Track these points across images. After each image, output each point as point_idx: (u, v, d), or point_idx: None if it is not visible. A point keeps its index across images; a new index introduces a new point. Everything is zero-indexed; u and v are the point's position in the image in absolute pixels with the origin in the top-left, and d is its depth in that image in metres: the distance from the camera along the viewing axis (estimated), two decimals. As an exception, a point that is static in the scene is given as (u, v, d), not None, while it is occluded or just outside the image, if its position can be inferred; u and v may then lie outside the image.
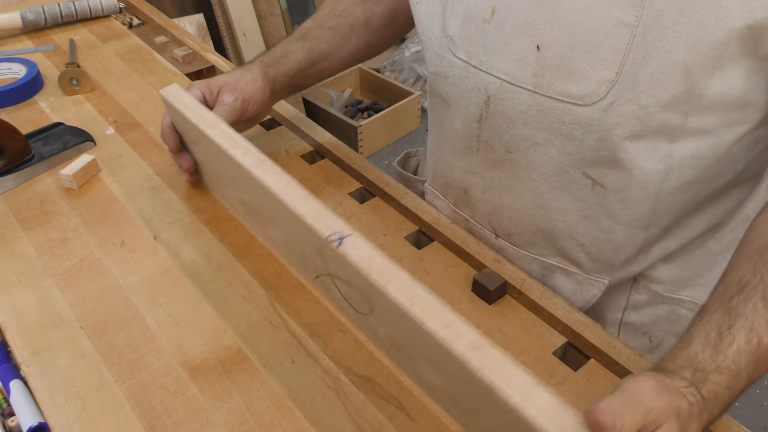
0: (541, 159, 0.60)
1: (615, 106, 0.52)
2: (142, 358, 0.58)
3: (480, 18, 0.58)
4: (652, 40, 0.48)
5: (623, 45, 0.49)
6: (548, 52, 0.54)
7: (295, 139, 0.87)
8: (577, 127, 0.55)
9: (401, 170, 0.89)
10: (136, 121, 0.90)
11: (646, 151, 0.54)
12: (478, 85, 0.61)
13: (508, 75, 0.57)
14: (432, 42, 0.64)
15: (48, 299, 0.63)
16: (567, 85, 0.54)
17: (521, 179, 0.63)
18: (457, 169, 0.70)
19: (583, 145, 0.56)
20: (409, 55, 2.74)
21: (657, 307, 0.68)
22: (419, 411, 0.54)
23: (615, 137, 0.54)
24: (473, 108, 0.62)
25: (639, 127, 0.52)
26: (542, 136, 0.58)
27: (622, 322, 0.70)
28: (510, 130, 0.60)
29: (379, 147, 2.48)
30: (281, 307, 0.63)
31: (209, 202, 0.76)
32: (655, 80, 0.49)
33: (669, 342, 0.70)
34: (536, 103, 0.57)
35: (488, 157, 0.65)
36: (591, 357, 0.59)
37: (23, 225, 0.72)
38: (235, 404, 0.54)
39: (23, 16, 1.10)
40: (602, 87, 0.52)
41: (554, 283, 0.69)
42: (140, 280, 0.66)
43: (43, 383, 0.56)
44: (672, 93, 0.50)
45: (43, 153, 0.81)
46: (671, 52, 0.48)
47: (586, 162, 0.57)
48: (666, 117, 0.51)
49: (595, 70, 0.51)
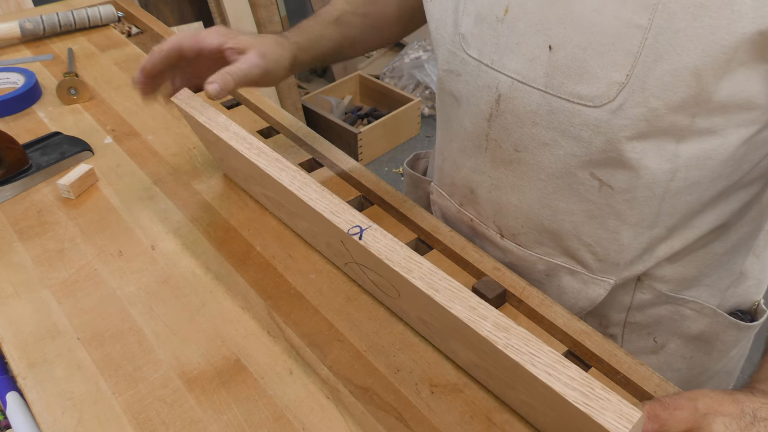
0: (549, 159, 0.60)
1: (624, 108, 0.52)
2: (139, 370, 0.57)
3: (493, 16, 0.58)
4: (663, 43, 0.48)
5: (635, 47, 0.49)
6: (560, 53, 0.53)
7: (293, 147, 0.87)
8: (586, 129, 0.55)
9: (410, 170, 0.89)
10: (134, 130, 0.90)
11: (653, 151, 0.54)
12: (489, 83, 0.61)
13: (520, 74, 0.57)
14: (445, 40, 0.64)
15: (45, 310, 0.63)
16: (577, 85, 0.54)
17: (528, 179, 0.63)
18: (465, 167, 0.70)
19: (591, 146, 0.56)
20: (409, 61, 2.74)
21: (661, 307, 0.68)
22: (419, 421, 0.53)
23: (623, 138, 0.54)
24: (483, 106, 0.62)
25: (647, 128, 0.53)
26: (551, 136, 0.58)
27: (627, 322, 0.69)
28: (519, 130, 0.60)
29: (379, 154, 2.48)
30: (279, 316, 0.63)
31: (207, 212, 0.75)
32: (665, 83, 0.49)
33: (674, 342, 0.70)
34: (546, 103, 0.57)
35: (496, 156, 0.65)
36: (592, 365, 0.58)
37: (20, 235, 0.72)
38: (233, 416, 0.54)
39: (22, 25, 1.10)
40: (612, 89, 0.52)
41: (559, 283, 0.69)
42: (137, 290, 0.65)
43: (39, 395, 0.55)
44: (681, 96, 0.49)
45: (40, 163, 0.81)
46: (682, 55, 0.48)
47: (593, 163, 0.57)
48: (674, 119, 0.51)
49: (605, 72, 0.51)
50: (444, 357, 0.58)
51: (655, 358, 0.71)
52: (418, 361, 0.58)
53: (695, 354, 0.70)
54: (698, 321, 0.68)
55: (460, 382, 0.56)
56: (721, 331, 0.68)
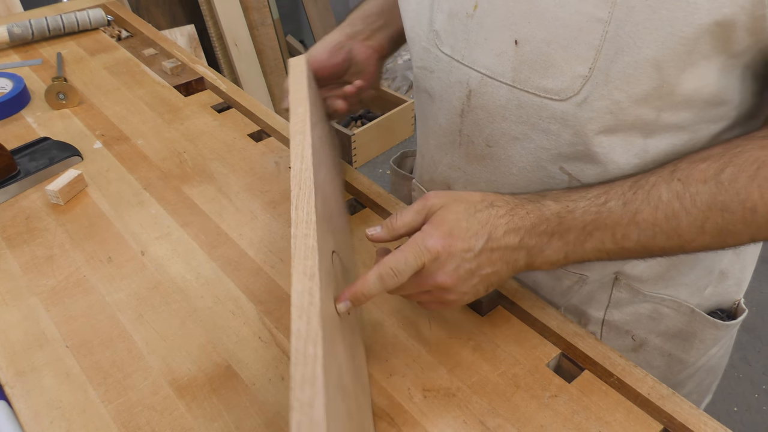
0: (520, 154, 0.61)
1: (589, 101, 0.53)
2: (129, 377, 0.57)
3: (464, 12, 0.59)
4: (624, 36, 0.49)
5: (596, 41, 0.50)
6: (525, 47, 0.54)
7: (285, 150, 0.87)
8: (554, 122, 0.56)
9: (396, 168, 0.89)
10: (123, 135, 0.89)
11: (620, 145, 0.55)
12: (460, 79, 0.61)
13: (488, 69, 0.58)
14: (420, 37, 0.65)
15: (33, 318, 0.62)
16: (543, 79, 0.54)
17: (501, 174, 0.64)
18: (441, 164, 0.71)
19: (559, 139, 0.57)
20: (402, 63, 2.74)
21: (639, 305, 0.68)
22: (411, 426, 0.53)
23: (589, 132, 0.54)
24: (456, 102, 0.63)
25: (613, 121, 0.53)
26: (520, 130, 0.59)
27: (605, 320, 0.69)
28: (490, 125, 0.61)
29: (373, 155, 2.48)
30: (270, 322, 0.62)
31: (198, 216, 0.75)
32: (627, 76, 0.50)
33: (652, 341, 0.70)
34: (514, 98, 0.57)
35: (469, 152, 0.65)
36: (585, 368, 0.58)
37: (8, 242, 0.71)
38: (224, 423, 0.53)
39: (10, 30, 1.09)
40: (576, 82, 0.52)
41: (534, 277, 0.70)
42: (127, 296, 0.65)
43: (27, 405, 0.55)
44: (644, 89, 0.50)
45: (29, 169, 0.80)
46: (642, 48, 0.48)
47: (562, 157, 0.58)
48: (639, 112, 0.52)
49: (570, 65, 0.52)
50: (438, 362, 0.58)
51: (634, 355, 0.71)
52: (410, 365, 0.58)
53: (674, 352, 0.71)
54: (676, 319, 0.68)
55: (453, 386, 0.56)
56: (699, 329, 0.68)
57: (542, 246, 0.52)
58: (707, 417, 0.53)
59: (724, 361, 0.79)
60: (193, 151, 0.86)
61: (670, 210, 0.49)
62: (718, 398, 1.59)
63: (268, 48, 2.47)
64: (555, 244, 0.52)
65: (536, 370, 0.57)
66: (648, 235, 0.50)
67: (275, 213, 0.75)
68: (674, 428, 0.53)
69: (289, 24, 2.70)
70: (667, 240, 0.50)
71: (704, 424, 0.52)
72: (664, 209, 0.49)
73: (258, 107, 0.94)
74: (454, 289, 0.52)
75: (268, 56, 2.48)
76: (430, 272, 0.51)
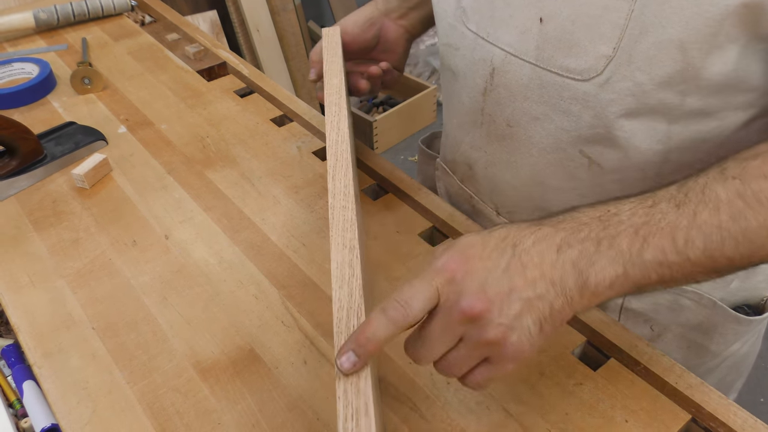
0: (540, 134, 0.60)
1: (611, 82, 0.51)
2: (154, 359, 0.57)
3: None
4: (649, 16, 0.47)
5: (621, 20, 0.49)
6: (550, 25, 0.53)
7: (307, 135, 0.86)
8: (575, 103, 0.55)
9: (424, 147, 0.89)
10: (147, 120, 0.90)
11: (642, 130, 0.54)
12: (484, 56, 0.61)
13: (512, 47, 0.57)
14: (447, 13, 0.65)
15: (60, 300, 0.63)
16: (566, 59, 0.53)
17: (521, 154, 0.63)
18: (463, 143, 0.71)
19: (580, 121, 0.56)
20: (424, 48, 2.71)
21: (659, 295, 0.67)
22: (434, 413, 0.53)
23: (610, 114, 0.53)
24: (479, 80, 0.63)
25: (635, 104, 0.52)
26: (541, 110, 0.58)
27: (623, 307, 0.68)
28: (512, 104, 0.60)
29: (395, 142, 2.47)
30: (293, 306, 0.62)
31: (220, 200, 0.75)
32: (651, 57, 0.49)
33: (671, 332, 0.69)
34: (537, 77, 0.57)
35: (491, 131, 0.65)
36: (611, 356, 0.57)
37: (36, 225, 0.72)
38: (246, 405, 0.54)
39: (36, 15, 1.10)
40: (600, 62, 0.51)
41: None
42: (152, 280, 0.65)
43: (54, 385, 0.55)
44: (667, 71, 0.49)
45: (55, 153, 0.81)
46: (667, 28, 0.47)
47: (582, 139, 0.57)
48: (662, 96, 0.50)
49: (593, 45, 0.51)
50: (460, 347, 0.58)
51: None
52: (433, 351, 0.57)
53: (692, 345, 0.69)
54: (696, 311, 0.66)
55: (476, 372, 0.55)
56: (720, 323, 0.67)
57: (590, 256, 0.41)
58: (737, 407, 0.52)
59: (750, 360, 0.77)
60: (216, 136, 0.86)
61: (735, 210, 0.41)
62: (744, 389, 1.57)
63: (290, 34, 2.46)
64: (607, 254, 0.41)
65: (561, 358, 0.57)
66: (714, 240, 0.41)
67: (297, 198, 0.75)
68: (702, 418, 0.52)
69: (310, 10, 2.68)
70: (736, 247, 0.41)
71: (734, 414, 0.51)
72: (727, 209, 0.41)
73: (280, 92, 0.94)
74: (490, 318, 0.39)
75: (289, 42, 2.47)
76: (450, 302, 0.40)
